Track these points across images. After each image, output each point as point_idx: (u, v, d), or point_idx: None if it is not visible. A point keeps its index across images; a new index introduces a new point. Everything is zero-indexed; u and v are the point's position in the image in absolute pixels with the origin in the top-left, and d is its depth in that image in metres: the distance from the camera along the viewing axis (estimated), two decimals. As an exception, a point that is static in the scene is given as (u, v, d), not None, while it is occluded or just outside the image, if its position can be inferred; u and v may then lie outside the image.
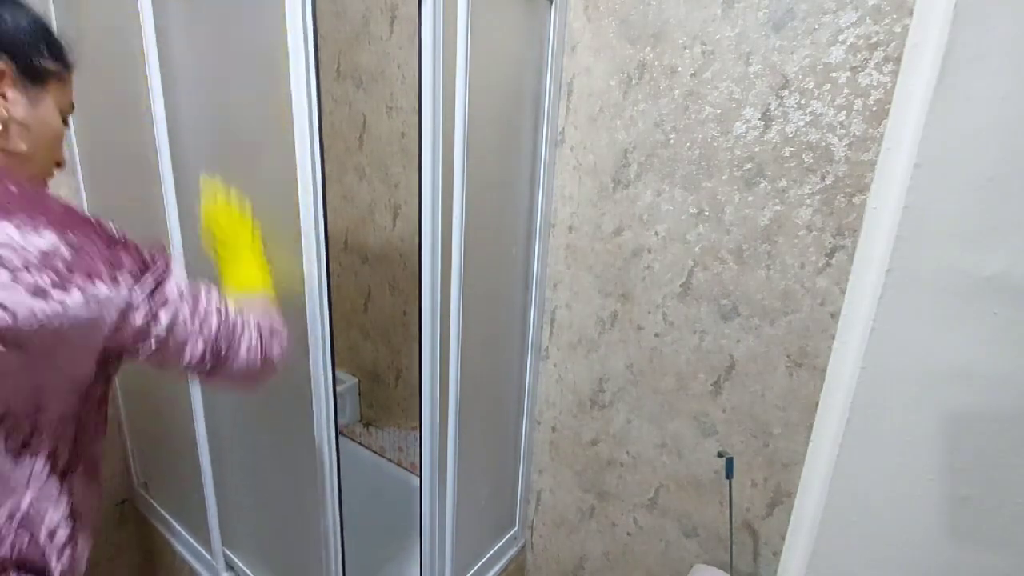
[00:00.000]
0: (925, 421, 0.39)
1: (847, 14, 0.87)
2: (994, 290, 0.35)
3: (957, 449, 0.39)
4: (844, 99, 0.90)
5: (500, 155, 1.11)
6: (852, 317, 0.42)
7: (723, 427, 1.16)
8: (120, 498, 1.69)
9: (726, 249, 1.07)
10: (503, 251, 1.20)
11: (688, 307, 1.14)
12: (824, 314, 0.99)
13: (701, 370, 1.16)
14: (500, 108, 1.07)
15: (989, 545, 0.39)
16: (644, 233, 1.16)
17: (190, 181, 1.02)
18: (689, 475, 1.23)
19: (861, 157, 0.90)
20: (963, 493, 0.39)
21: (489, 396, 1.28)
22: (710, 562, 1.25)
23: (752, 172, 1.01)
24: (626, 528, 1.38)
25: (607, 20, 1.11)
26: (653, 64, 1.07)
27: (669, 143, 1.09)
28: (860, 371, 0.41)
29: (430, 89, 0.89)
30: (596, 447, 1.37)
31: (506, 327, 1.29)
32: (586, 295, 1.29)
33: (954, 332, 0.37)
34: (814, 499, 0.46)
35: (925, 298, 0.38)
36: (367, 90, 1.61)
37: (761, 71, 0.96)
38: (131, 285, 0.53)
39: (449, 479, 1.18)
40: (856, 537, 0.44)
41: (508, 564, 1.52)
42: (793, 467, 1.10)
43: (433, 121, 0.90)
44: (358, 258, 1.81)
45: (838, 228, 0.95)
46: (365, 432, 1.98)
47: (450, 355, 1.09)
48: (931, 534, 0.41)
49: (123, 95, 1.11)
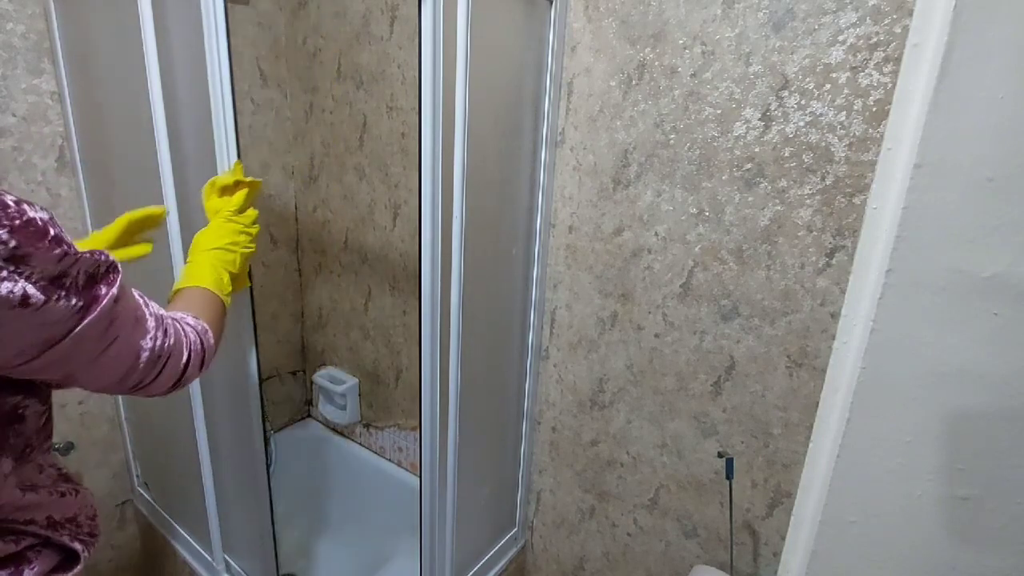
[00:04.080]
0: (925, 421, 0.39)
1: (847, 14, 0.87)
2: (994, 290, 0.35)
3: (957, 449, 0.39)
4: (844, 99, 0.90)
5: (500, 155, 1.11)
6: (852, 317, 0.42)
7: (723, 427, 1.16)
8: (120, 499, 1.69)
9: (726, 249, 1.07)
10: (503, 251, 1.20)
11: (688, 307, 1.14)
12: (824, 314, 0.99)
13: (701, 370, 1.16)
14: (500, 108, 1.07)
15: (989, 545, 0.39)
16: (644, 233, 1.16)
17: (191, 181, 1.02)
18: (689, 475, 1.23)
19: (861, 157, 0.91)
20: (963, 493, 0.39)
21: (489, 396, 1.28)
22: (710, 562, 1.25)
23: (752, 172, 1.01)
24: (626, 528, 1.38)
25: (607, 20, 1.11)
26: (653, 64, 1.07)
27: (669, 143, 1.09)
28: (860, 371, 0.41)
29: (430, 89, 0.89)
30: (596, 447, 1.37)
31: (506, 327, 1.29)
32: (586, 295, 1.29)
33: (954, 332, 0.37)
34: (814, 499, 0.46)
35: (925, 298, 0.38)
36: (367, 90, 1.61)
37: (761, 71, 0.96)
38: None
39: (449, 479, 1.18)
40: (856, 537, 0.44)
41: (508, 564, 1.52)
42: (793, 467, 1.10)
43: (433, 121, 0.90)
44: (358, 258, 1.81)
45: (838, 228, 0.95)
46: (365, 432, 1.98)
47: (450, 355, 1.09)
48: (931, 534, 0.41)
49: (123, 96, 1.11)
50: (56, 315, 0.44)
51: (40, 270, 0.42)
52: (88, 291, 0.47)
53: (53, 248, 0.43)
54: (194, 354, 0.63)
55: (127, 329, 0.53)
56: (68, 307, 0.45)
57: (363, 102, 1.63)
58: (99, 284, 0.48)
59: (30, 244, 0.41)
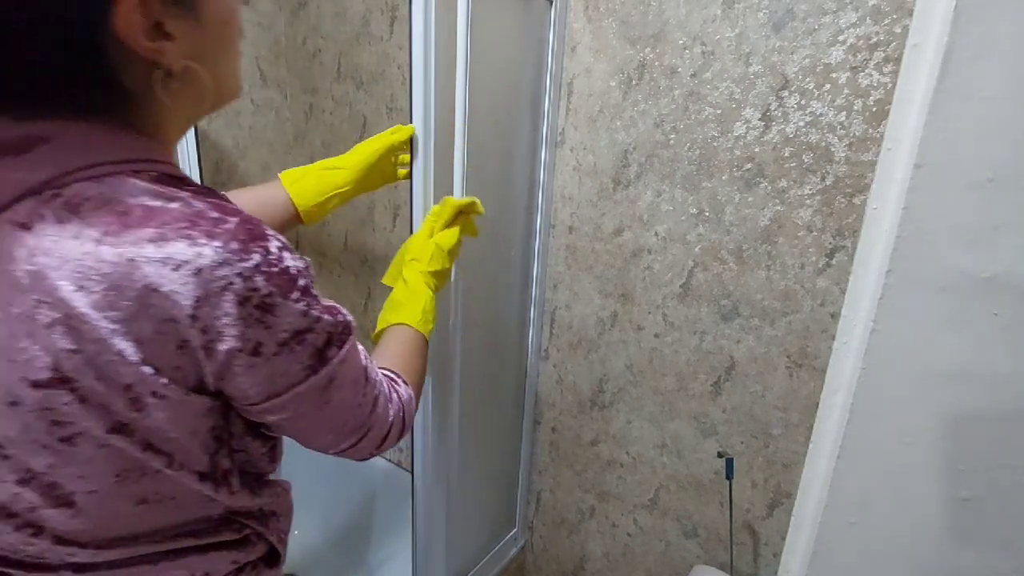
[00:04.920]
0: (925, 421, 0.39)
1: (847, 14, 0.87)
2: (994, 290, 0.35)
3: (957, 449, 0.39)
4: (844, 99, 0.90)
5: (500, 156, 1.11)
6: (852, 317, 0.42)
7: (723, 428, 1.16)
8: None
9: (726, 249, 1.07)
10: (503, 251, 1.20)
11: (688, 307, 1.14)
12: (824, 314, 0.99)
13: (701, 370, 1.16)
14: (500, 109, 1.07)
15: (989, 545, 0.39)
16: (644, 233, 1.16)
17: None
18: (689, 476, 1.23)
19: (861, 157, 0.90)
20: (963, 494, 0.39)
21: (489, 396, 1.28)
22: (710, 563, 1.25)
23: (752, 172, 1.01)
24: (626, 529, 1.38)
25: (607, 21, 1.11)
26: (653, 64, 1.07)
27: (669, 143, 1.09)
28: (860, 371, 0.41)
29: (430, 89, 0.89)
30: (596, 447, 1.37)
31: (506, 328, 1.29)
32: (586, 295, 1.29)
33: (954, 332, 0.37)
34: (814, 499, 0.46)
35: (925, 298, 0.38)
36: (367, 91, 1.61)
37: (761, 71, 0.96)
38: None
39: (449, 479, 1.18)
40: (856, 537, 0.44)
41: (508, 564, 1.51)
42: (793, 468, 1.10)
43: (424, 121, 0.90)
44: (358, 258, 1.81)
45: (838, 228, 0.95)
46: (365, 432, 1.98)
47: (450, 355, 1.09)
48: (931, 534, 0.41)
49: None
50: (283, 368, 0.44)
51: (284, 322, 0.42)
52: (322, 352, 0.46)
53: (299, 303, 0.43)
54: (395, 426, 0.60)
55: (346, 391, 0.51)
56: (298, 364, 0.45)
57: (363, 103, 1.63)
58: (332, 346, 0.47)
59: (281, 295, 0.41)
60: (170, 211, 0.39)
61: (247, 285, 0.39)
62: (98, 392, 0.38)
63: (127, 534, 0.45)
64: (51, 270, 0.36)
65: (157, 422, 0.40)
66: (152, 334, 0.37)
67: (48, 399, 0.37)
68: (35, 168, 0.37)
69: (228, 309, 0.39)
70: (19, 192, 0.37)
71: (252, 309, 0.40)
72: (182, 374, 0.40)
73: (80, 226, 0.36)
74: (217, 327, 0.39)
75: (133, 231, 0.37)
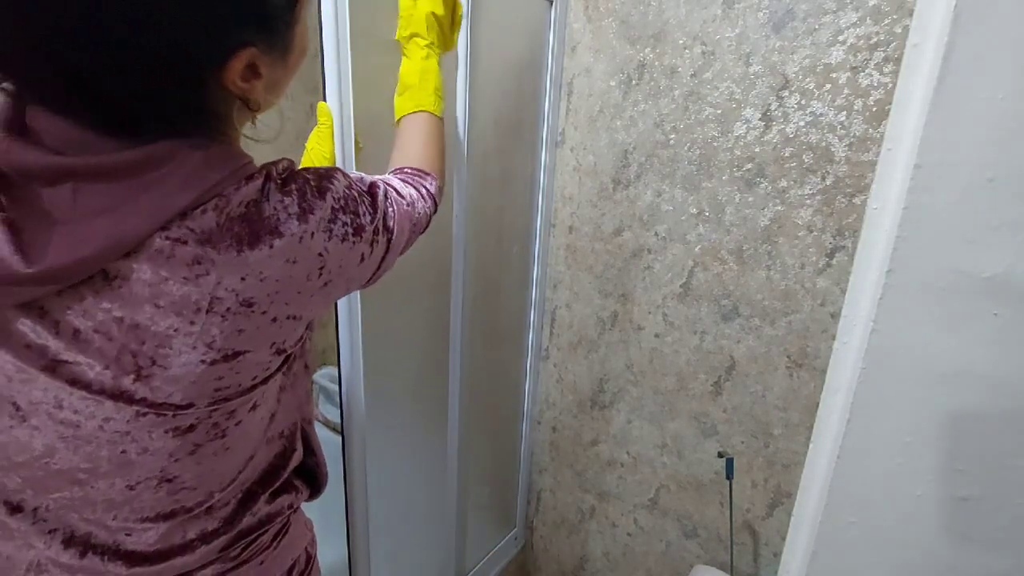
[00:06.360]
0: (925, 421, 0.39)
1: (847, 15, 0.87)
2: (994, 290, 0.35)
3: (957, 450, 0.39)
4: (844, 99, 0.90)
5: (500, 155, 1.11)
6: (852, 317, 0.42)
7: (723, 427, 1.16)
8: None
9: (726, 249, 1.07)
10: (503, 251, 1.20)
11: (688, 307, 1.14)
12: (824, 314, 0.99)
13: (701, 370, 1.16)
14: (500, 109, 1.07)
15: (989, 545, 0.39)
16: (644, 233, 1.16)
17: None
18: (689, 475, 1.23)
19: (861, 157, 0.90)
20: (963, 494, 0.39)
21: (489, 396, 1.28)
22: (710, 563, 1.25)
23: (752, 172, 1.01)
24: (626, 528, 1.38)
25: (607, 20, 1.11)
26: (653, 64, 1.07)
27: (669, 143, 1.09)
28: (860, 371, 0.41)
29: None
30: (596, 447, 1.37)
31: (506, 327, 1.29)
32: (586, 295, 1.29)
33: (954, 332, 0.37)
34: (814, 499, 0.46)
35: (925, 298, 0.38)
36: (367, 90, 1.61)
37: (761, 71, 0.96)
38: None
39: (449, 479, 1.18)
40: (856, 537, 0.44)
41: (508, 564, 1.51)
42: (793, 468, 1.09)
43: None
44: (358, 258, 1.81)
45: (838, 228, 0.95)
46: (365, 432, 1.98)
47: (450, 355, 1.09)
48: (931, 534, 0.41)
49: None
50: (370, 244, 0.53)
51: (370, 220, 0.53)
52: (376, 207, 0.55)
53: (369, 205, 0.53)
54: (427, 215, 0.66)
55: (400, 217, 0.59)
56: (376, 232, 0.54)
57: (363, 102, 1.63)
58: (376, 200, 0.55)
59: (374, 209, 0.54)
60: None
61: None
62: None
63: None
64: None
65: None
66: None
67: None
68: (173, 189, 0.39)
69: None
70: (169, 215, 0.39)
71: (376, 230, 0.55)
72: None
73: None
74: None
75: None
